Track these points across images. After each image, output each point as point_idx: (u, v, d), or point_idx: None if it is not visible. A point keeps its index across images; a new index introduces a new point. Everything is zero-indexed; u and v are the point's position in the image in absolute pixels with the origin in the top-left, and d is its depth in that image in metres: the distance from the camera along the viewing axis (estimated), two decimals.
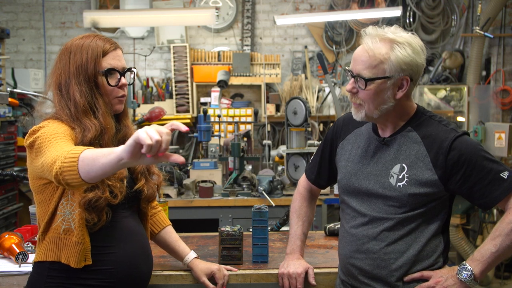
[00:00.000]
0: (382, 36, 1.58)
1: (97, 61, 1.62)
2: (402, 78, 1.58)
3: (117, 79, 1.66)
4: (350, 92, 1.64)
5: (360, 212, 1.69)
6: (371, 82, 1.58)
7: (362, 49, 1.60)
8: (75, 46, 1.65)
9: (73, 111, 1.60)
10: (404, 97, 1.62)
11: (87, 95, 1.61)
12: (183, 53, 5.26)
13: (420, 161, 1.60)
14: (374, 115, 1.63)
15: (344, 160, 1.78)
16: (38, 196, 1.63)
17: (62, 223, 1.58)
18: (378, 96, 1.59)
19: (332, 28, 5.48)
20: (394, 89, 1.59)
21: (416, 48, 1.59)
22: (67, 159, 1.35)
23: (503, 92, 5.04)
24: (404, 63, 1.56)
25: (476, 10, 5.06)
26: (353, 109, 1.67)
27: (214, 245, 2.24)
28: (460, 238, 4.69)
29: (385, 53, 1.56)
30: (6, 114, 4.08)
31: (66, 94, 1.62)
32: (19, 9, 5.51)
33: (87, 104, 1.60)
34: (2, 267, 1.99)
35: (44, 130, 1.53)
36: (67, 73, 1.63)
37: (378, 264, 1.63)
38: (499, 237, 1.54)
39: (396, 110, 1.64)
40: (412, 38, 1.60)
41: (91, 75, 1.62)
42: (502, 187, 1.55)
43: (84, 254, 1.57)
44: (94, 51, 1.63)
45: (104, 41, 1.66)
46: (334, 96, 4.23)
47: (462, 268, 1.58)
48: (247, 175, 3.77)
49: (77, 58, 1.62)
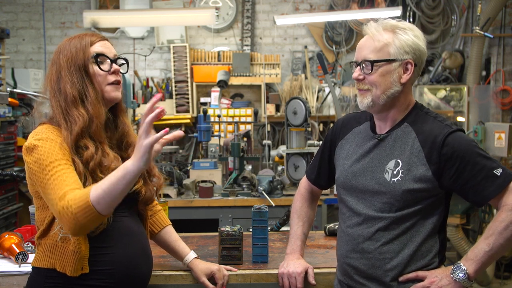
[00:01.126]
0: (384, 25, 1.64)
1: (85, 50, 1.64)
2: (407, 62, 1.62)
3: (109, 64, 1.67)
4: (356, 80, 1.66)
5: (355, 211, 1.69)
6: (377, 64, 1.61)
7: (366, 38, 1.66)
8: (64, 44, 1.69)
9: (63, 105, 1.61)
10: (408, 84, 1.65)
11: (77, 84, 1.62)
12: (183, 53, 5.26)
13: (415, 157, 1.60)
14: (381, 101, 1.63)
15: (342, 158, 1.79)
16: (37, 201, 1.64)
17: (60, 231, 1.58)
18: (385, 79, 1.61)
19: (332, 28, 5.48)
20: (400, 72, 1.62)
21: (417, 34, 1.65)
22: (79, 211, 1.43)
23: (503, 92, 5.04)
24: (407, 45, 1.61)
25: (476, 10, 5.06)
26: (359, 97, 1.68)
27: (214, 245, 2.24)
28: (460, 238, 4.69)
29: (388, 37, 1.62)
30: (6, 114, 4.08)
31: (58, 90, 1.63)
32: (19, 9, 5.51)
33: (77, 94, 1.61)
34: (2, 267, 1.99)
35: (40, 154, 1.53)
36: (59, 69, 1.64)
37: (373, 263, 1.64)
38: (492, 235, 1.54)
39: (401, 100, 1.66)
40: (413, 26, 1.67)
41: (81, 64, 1.63)
42: (495, 184, 1.55)
43: (81, 263, 1.57)
44: (82, 42, 1.66)
45: (93, 35, 1.69)
46: (334, 96, 4.23)
47: (456, 268, 1.58)
48: (247, 175, 3.77)
49: (66, 53, 1.65)
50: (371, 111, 1.71)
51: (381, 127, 1.71)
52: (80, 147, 1.59)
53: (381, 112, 1.69)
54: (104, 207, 1.44)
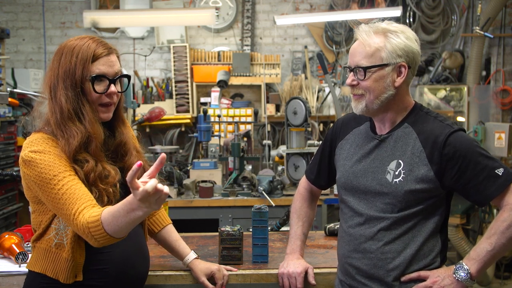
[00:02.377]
0: (375, 29, 1.63)
1: (85, 66, 1.56)
2: (400, 65, 1.61)
3: (106, 86, 1.59)
4: (350, 86, 1.66)
5: (357, 211, 1.69)
6: (370, 70, 1.60)
7: (357, 43, 1.65)
8: (67, 47, 1.59)
9: (59, 117, 1.55)
10: (403, 86, 1.64)
11: (73, 101, 1.55)
12: (183, 53, 5.26)
13: (416, 157, 1.60)
14: (374, 106, 1.63)
15: (342, 159, 1.79)
16: (33, 205, 1.63)
17: (55, 236, 1.57)
18: (379, 84, 1.61)
19: (332, 28, 5.48)
20: (393, 76, 1.61)
21: (409, 36, 1.63)
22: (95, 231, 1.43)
23: (503, 92, 5.04)
24: (399, 48, 1.60)
25: (476, 10, 5.06)
26: (353, 102, 1.68)
27: (214, 245, 2.24)
28: (460, 238, 4.68)
29: (380, 42, 1.61)
30: (6, 114, 4.08)
31: (54, 98, 1.58)
32: (19, 9, 5.51)
33: (72, 110, 1.55)
34: (2, 267, 1.99)
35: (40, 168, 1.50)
36: (56, 75, 1.58)
37: (375, 263, 1.64)
38: (495, 235, 1.55)
39: (396, 102, 1.65)
40: (405, 28, 1.65)
41: (78, 81, 1.55)
42: (497, 183, 1.55)
43: (74, 271, 1.56)
44: (84, 55, 1.56)
45: (98, 45, 1.58)
46: (334, 96, 4.23)
47: (458, 268, 1.58)
48: (247, 175, 3.77)
49: (66, 61, 1.56)
50: (367, 115, 1.72)
51: (381, 128, 1.71)
52: (79, 160, 1.55)
53: (376, 115, 1.69)
54: (115, 232, 1.43)
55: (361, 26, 1.66)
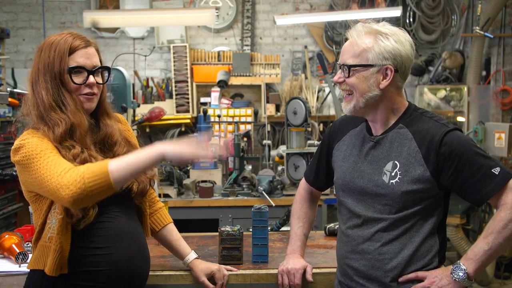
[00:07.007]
0: (368, 29, 1.63)
1: (63, 59, 1.60)
2: (386, 68, 1.61)
3: (85, 77, 1.63)
4: (338, 83, 1.68)
5: (355, 213, 1.69)
6: (354, 69, 1.61)
7: (348, 42, 1.67)
8: (46, 43, 1.64)
9: (42, 109, 1.59)
10: (391, 89, 1.64)
11: (53, 92, 1.60)
12: (183, 53, 5.26)
13: (412, 158, 1.60)
14: (361, 103, 1.64)
15: (339, 160, 1.79)
16: (32, 205, 1.65)
17: (48, 231, 1.58)
18: (362, 83, 1.62)
19: (332, 28, 5.48)
20: (378, 77, 1.61)
21: (400, 39, 1.62)
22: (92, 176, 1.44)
23: (503, 92, 5.03)
24: (386, 51, 1.60)
25: (476, 10, 5.06)
26: (343, 103, 1.70)
27: (214, 245, 2.24)
28: (460, 238, 4.68)
29: (368, 43, 1.61)
30: (6, 114, 4.08)
31: (36, 93, 1.62)
32: (19, 9, 5.51)
33: (53, 102, 1.59)
34: (2, 267, 1.99)
35: (27, 148, 1.53)
36: (37, 71, 1.63)
37: (372, 264, 1.64)
38: (491, 234, 1.54)
39: (385, 103, 1.65)
40: (398, 31, 1.64)
41: (57, 73, 1.60)
42: (493, 182, 1.55)
43: (60, 263, 1.55)
44: (61, 48, 1.60)
45: (75, 38, 1.63)
46: (334, 96, 4.23)
47: (456, 268, 1.58)
48: (247, 175, 3.77)
49: (45, 56, 1.61)
50: (356, 115, 1.72)
51: (375, 128, 1.72)
52: (66, 146, 1.58)
53: (365, 114, 1.70)
54: (119, 177, 1.46)
55: (356, 25, 1.67)
